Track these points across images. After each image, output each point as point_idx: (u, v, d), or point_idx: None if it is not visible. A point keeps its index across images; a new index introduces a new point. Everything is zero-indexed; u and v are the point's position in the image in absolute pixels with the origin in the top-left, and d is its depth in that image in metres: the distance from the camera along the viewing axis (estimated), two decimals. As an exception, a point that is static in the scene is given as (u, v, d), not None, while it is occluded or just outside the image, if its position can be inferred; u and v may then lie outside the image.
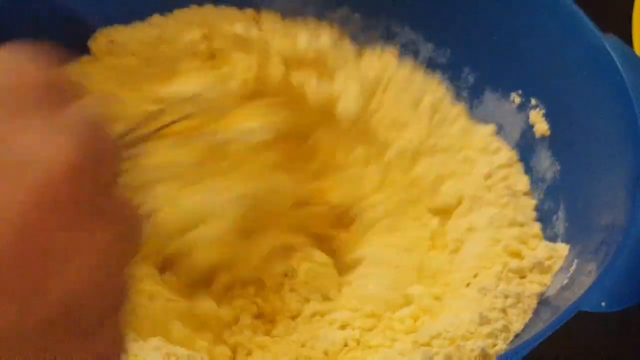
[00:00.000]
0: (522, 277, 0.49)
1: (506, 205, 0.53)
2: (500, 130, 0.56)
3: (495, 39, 0.56)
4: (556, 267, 0.49)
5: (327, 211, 0.56)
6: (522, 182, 0.54)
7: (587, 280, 0.44)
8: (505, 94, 0.56)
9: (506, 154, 0.55)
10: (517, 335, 0.46)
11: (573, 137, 0.53)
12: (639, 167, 0.45)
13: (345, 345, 0.48)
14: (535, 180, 0.54)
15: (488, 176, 0.54)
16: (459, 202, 0.54)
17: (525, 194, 0.54)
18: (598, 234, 0.47)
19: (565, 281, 0.47)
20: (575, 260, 0.47)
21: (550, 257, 0.49)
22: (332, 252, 0.54)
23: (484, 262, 0.50)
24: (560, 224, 0.51)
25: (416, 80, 0.58)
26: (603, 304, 0.41)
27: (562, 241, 0.50)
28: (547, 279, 0.48)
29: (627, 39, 0.58)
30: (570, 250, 0.49)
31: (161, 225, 0.48)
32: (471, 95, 0.58)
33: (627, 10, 0.60)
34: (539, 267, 0.49)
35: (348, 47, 0.58)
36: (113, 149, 0.27)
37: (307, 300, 0.51)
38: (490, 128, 0.56)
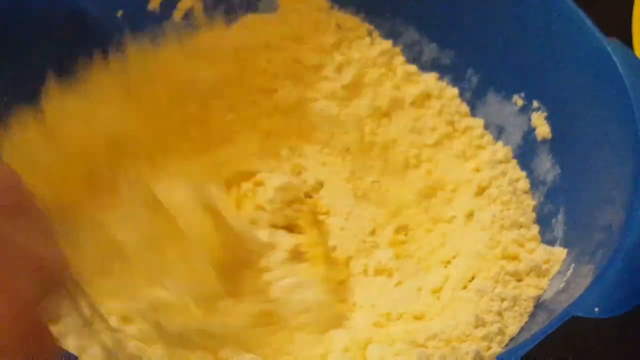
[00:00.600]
0: (519, 280, 0.49)
1: (508, 203, 0.53)
2: (501, 132, 0.57)
3: (499, 41, 0.56)
4: (553, 271, 0.49)
5: None
6: (522, 178, 0.54)
7: (583, 284, 0.44)
8: (508, 96, 0.56)
9: (500, 149, 0.56)
10: (512, 339, 0.46)
11: (574, 140, 0.53)
12: (637, 172, 0.45)
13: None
14: (536, 183, 0.54)
15: (490, 166, 0.54)
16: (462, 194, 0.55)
17: (525, 192, 0.54)
18: (596, 238, 0.47)
19: (562, 285, 0.47)
20: (573, 264, 0.47)
21: (547, 261, 0.49)
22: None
23: (481, 264, 0.50)
24: (559, 227, 0.51)
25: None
26: (596, 309, 0.41)
27: (561, 244, 0.50)
28: (544, 282, 0.48)
29: (627, 40, 0.58)
30: (568, 254, 0.49)
31: None
32: (474, 97, 0.58)
33: (627, 12, 0.60)
34: (536, 270, 0.49)
35: None
36: None
37: None
38: (479, 121, 0.57)
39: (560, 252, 0.49)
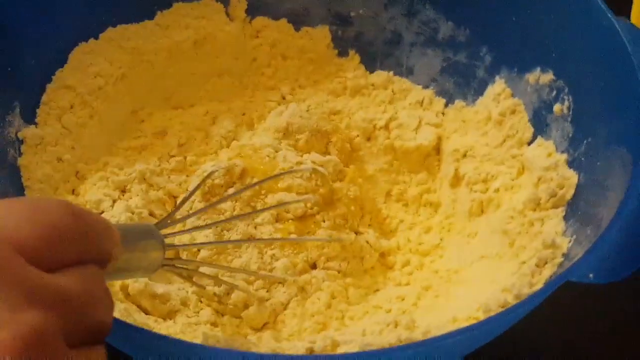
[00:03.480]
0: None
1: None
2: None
3: (513, 20, 0.57)
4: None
5: None
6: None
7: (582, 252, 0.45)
8: (521, 74, 0.57)
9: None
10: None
11: (584, 115, 0.53)
12: (639, 147, 0.46)
13: None
14: (545, 158, 0.55)
15: None
16: None
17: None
18: (597, 209, 0.48)
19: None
20: (574, 236, 0.49)
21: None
22: None
23: None
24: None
25: None
26: (591, 276, 0.42)
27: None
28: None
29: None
30: (569, 226, 0.50)
31: None
32: (487, 74, 0.59)
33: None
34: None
35: None
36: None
37: None
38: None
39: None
